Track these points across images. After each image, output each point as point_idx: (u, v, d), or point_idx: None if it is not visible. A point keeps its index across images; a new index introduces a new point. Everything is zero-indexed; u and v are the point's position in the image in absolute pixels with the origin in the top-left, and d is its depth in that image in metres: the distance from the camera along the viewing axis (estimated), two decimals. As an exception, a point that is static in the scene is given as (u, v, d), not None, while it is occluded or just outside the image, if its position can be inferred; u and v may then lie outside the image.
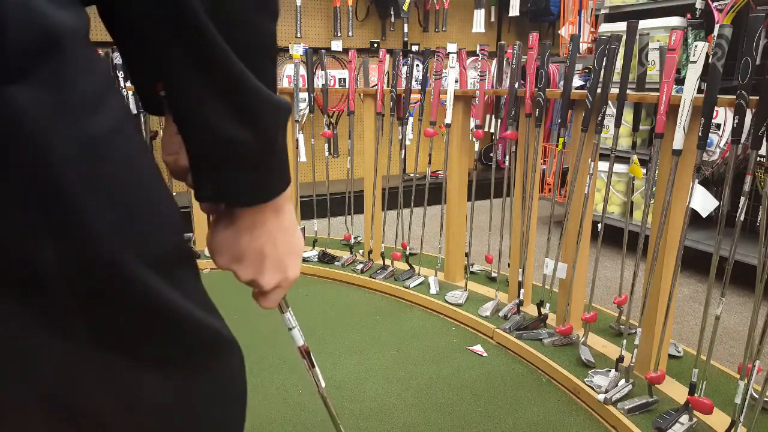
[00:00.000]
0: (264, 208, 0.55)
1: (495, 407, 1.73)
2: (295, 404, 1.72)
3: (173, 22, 0.44)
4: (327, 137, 3.00)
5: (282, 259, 0.58)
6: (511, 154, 2.21)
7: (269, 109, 0.50)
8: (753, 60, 1.37)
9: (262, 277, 0.58)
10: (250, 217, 0.55)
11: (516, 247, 2.23)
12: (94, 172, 0.42)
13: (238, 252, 0.56)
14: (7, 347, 0.42)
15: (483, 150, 4.74)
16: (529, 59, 2.04)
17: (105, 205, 0.42)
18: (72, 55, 0.40)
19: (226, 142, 0.49)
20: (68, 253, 0.41)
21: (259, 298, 0.61)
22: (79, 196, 0.41)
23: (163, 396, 0.52)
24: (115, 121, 0.44)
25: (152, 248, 0.47)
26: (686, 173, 1.61)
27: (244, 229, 0.55)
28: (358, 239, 3.06)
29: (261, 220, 0.55)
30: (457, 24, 4.71)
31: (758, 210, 1.57)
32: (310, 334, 2.16)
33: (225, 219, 0.55)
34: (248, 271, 0.57)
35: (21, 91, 0.37)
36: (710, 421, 1.55)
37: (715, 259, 1.52)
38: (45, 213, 0.40)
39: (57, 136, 0.39)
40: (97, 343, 0.45)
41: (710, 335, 1.55)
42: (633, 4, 3.17)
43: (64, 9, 0.40)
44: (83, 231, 0.41)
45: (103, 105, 0.43)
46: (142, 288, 0.46)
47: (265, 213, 0.55)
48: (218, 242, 0.56)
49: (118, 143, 0.44)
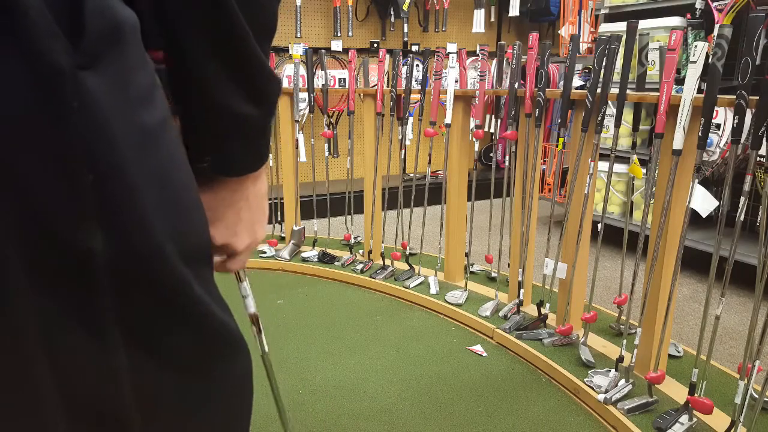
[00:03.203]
0: (247, 175, 0.58)
1: (495, 407, 1.73)
2: (295, 404, 1.72)
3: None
4: (327, 137, 3.01)
5: (254, 222, 0.61)
6: (511, 154, 2.21)
7: (274, 85, 0.54)
8: (753, 60, 1.37)
9: (236, 239, 0.60)
10: (233, 183, 0.57)
11: (516, 247, 2.23)
12: (148, 162, 0.43)
13: (216, 215, 0.57)
14: (39, 343, 0.41)
15: (483, 150, 4.74)
16: (529, 59, 2.04)
17: (156, 196, 0.43)
18: (132, 48, 0.43)
19: (237, 116, 0.52)
20: (114, 240, 0.41)
21: (228, 262, 0.62)
22: (136, 184, 0.41)
23: (184, 395, 0.53)
24: (163, 114, 0.46)
25: (188, 243, 0.48)
26: (686, 173, 1.61)
27: (225, 194, 0.57)
28: (358, 239, 3.06)
29: (242, 186, 0.58)
30: (457, 24, 4.71)
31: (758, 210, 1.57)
32: (310, 334, 2.16)
33: (203, 184, 0.56)
34: (224, 233, 0.59)
35: (91, 77, 0.38)
36: (710, 421, 1.55)
37: (715, 259, 1.52)
38: (98, 199, 0.40)
39: (119, 123, 0.40)
40: (126, 342, 0.45)
41: (710, 335, 1.55)
42: (633, 4, 3.17)
43: (126, 5, 0.42)
44: (134, 218, 0.42)
45: (153, 98, 0.45)
46: (179, 282, 0.47)
47: (247, 179, 0.58)
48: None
49: (167, 136, 0.46)
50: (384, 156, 2.68)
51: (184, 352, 0.51)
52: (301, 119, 2.93)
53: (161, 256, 0.44)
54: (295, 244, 2.93)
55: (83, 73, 0.38)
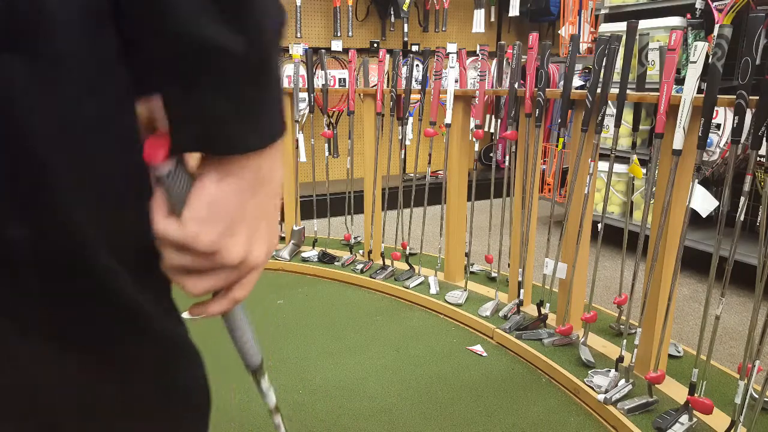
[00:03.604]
0: (247, 155, 0.42)
1: (495, 407, 1.73)
2: (296, 404, 1.72)
3: None
4: (327, 137, 3.01)
5: (270, 224, 0.46)
6: (511, 154, 2.21)
7: (269, 6, 0.39)
8: (753, 60, 1.37)
9: (255, 246, 0.44)
10: (234, 168, 0.42)
11: (516, 247, 2.23)
12: (75, 155, 0.38)
13: (223, 219, 0.42)
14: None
15: (483, 150, 4.74)
16: (529, 59, 2.04)
17: (81, 190, 0.39)
18: (70, 33, 0.36)
19: (206, 48, 0.37)
20: (37, 235, 0.38)
21: (235, 288, 0.47)
22: (56, 175, 0.38)
23: (120, 400, 0.49)
24: (107, 108, 0.40)
25: (126, 245, 0.43)
26: (686, 173, 1.61)
27: (226, 187, 0.42)
28: (358, 239, 3.06)
29: (246, 171, 0.43)
30: (457, 24, 4.71)
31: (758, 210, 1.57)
32: (310, 334, 2.16)
33: (211, 171, 0.42)
34: (243, 241, 0.43)
35: (13, 60, 0.35)
36: (710, 421, 1.55)
37: (715, 259, 1.52)
38: (15, 188, 0.37)
39: (43, 112, 0.36)
40: (58, 339, 0.43)
41: (710, 335, 1.55)
42: (633, 4, 3.17)
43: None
44: (55, 213, 0.38)
45: (97, 90, 0.39)
46: (112, 283, 0.42)
47: (249, 161, 0.42)
48: (211, 206, 0.42)
49: (106, 132, 0.40)
50: (384, 156, 2.68)
51: (120, 357, 0.47)
52: (301, 119, 2.93)
53: (87, 254, 0.40)
54: (295, 244, 2.93)
55: (6, 54, 0.34)
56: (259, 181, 0.43)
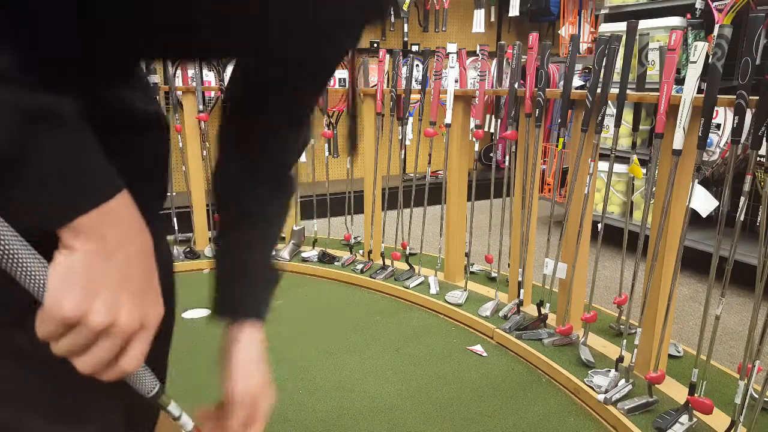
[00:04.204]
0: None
1: (495, 407, 1.73)
2: (296, 404, 1.72)
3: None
4: (327, 137, 3.01)
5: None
6: (511, 154, 2.21)
7: None
8: (753, 60, 1.37)
9: (122, 311, 0.44)
10: (93, 239, 0.43)
11: (516, 247, 2.23)
12: None
13: (93, 281, 0.43)
14: None
15: (483, 150, 4.74)
16: (529, 59, 2.04)
17: None
18: None
19: None
20: None
21: (123, 360, 0.45)
22: None
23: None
24: None
25: None
26: (686, 173, 1.61)
27: (92, 250, 0.43)
28: (358, 239, 3.06)
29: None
30: (457, 24, 4.71)
31: (758, 210, 1.56)
32: (310, 334, 2.16)
33: (60, 245, 0.43)
34: (105, 305, 0.43)
35: None
36: (710, 421, 1.55)
37: (715, 259, 1.52)
38: None
39: None
40: None
41: (710, 335, 1.55)
42: (633, 4, 3.17)
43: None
44: None
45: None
46: None
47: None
48: (64, 276, 0.42)
49: None
50: (384, 156, 2.68)
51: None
52: (301, 119, 2.92)
53: None
54: (295, 244, 2.93)
55: None
56: (109, 248, 0.43)
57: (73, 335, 0.42)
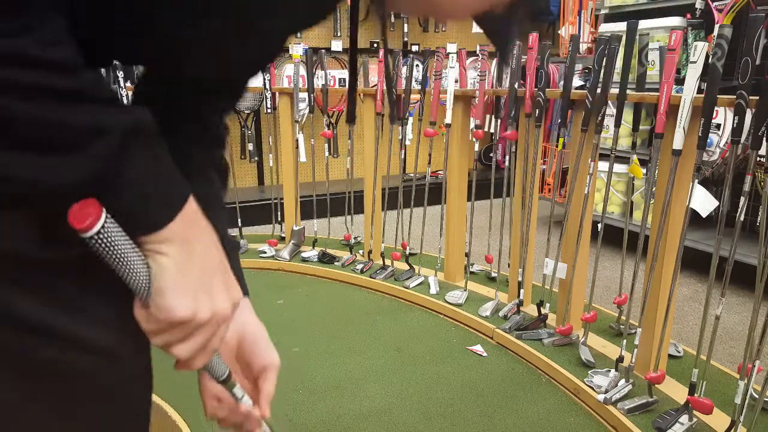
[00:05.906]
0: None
1: (495, 407, 1.73)
2: (296, 404, 1.72)
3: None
4: (327, 137, 3.01)
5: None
6: (511, 154, 2.21)
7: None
8: (753, 60, 1.37)
9: (217, 300, 0.49)
10: (179, 239, 0.46)
11: (516, 247, 2.23)
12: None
13: (194, 279, 0.46)
14: None
15: (483, 150, 4.74)
16: (529, 59, 2.04)
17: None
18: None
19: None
20: None
21: (214, 342, 0.50)
22: None
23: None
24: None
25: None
26: (686, 173, 1.61)
27: (184, 249, 0.46)
28: (358, 239, 3.06)
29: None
30: (457, 24, 4.70)
31: (758, 210, 1.56)
32: (310, 334, 2.16)
33: (153, 252, 0.45)
34: (206, 299, 0.48)
35: None
36: (710, 421, 1.55)
37: (715, 259, 1.52)
38: None
39: None
40: None
41: (710, 335, 1.55)
42: (633, 4, 3.17)
43: None
44: None
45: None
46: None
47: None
48: (175, 281, 0.45)
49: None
50: (384, 156, 2.68)
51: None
52: (301, 119, 2.93)
53: None
54: (295, 244, 2.93)
55: None
56: (192, 246, 0.46)
57: (178, 330, 0.46)
